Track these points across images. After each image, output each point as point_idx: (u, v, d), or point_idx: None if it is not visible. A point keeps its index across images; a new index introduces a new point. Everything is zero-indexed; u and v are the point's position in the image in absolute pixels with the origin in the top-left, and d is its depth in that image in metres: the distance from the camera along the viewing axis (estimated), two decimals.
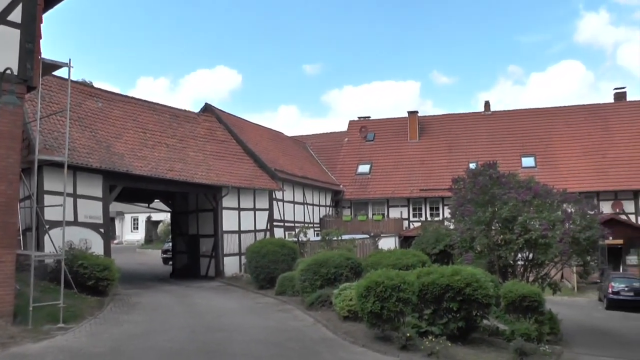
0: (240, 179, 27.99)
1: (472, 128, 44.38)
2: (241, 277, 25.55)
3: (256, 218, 29.13)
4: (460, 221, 19.59)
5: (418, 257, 17.78)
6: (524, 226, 17.68)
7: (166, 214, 38.30)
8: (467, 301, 12.73)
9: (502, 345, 13.55)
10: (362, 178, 42.51)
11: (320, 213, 38.73)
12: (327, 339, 12.97)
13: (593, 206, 20.86)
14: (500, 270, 18.96)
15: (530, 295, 14.84)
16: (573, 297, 29.11)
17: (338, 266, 16.99)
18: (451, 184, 20.67)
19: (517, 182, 19.58)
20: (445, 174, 34.99)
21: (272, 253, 21.99)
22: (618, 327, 20.73)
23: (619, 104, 43.44)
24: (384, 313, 11.95)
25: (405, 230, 38.91)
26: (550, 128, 42.17)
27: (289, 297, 18.89)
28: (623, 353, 15.95)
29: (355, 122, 48.87)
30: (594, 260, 20.45)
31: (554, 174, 36.50)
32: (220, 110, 33.16)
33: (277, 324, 14.56)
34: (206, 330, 13.48)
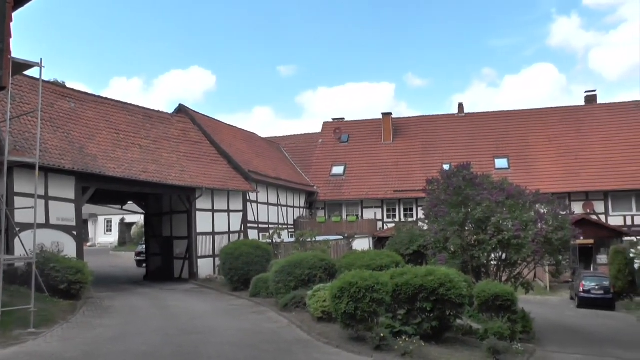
0: (214, 181, 27.85)
1: (446, 130, 44.72)
2: (215, 279, 25.42)
3: (230, 220, 29.01)
4: (434, 222, 19.71)
5: (392, 257, 17.85)
6: (497, 227, 17.85)
7: (140, 215, 37.94)
8: (441, 301, 12.86)
9: (475, 344, 13.67)
10: (336, 179, 42.56)
11: (295, 214, 38.70)
12: (301, 340, 12.99)
13: (565, 207, 21.12)
14: (474, 270, 19.12)
15: (503, 295, 14.98)
16: (546, 296, 29.51)
17: (312, 267, 17.01)
18: (425, 185, 20.80)
19: (490, 183, 19.79)
20: (419, 176, 35.33)
21: (246, 255, 21.90)
22: (589, 325, 21.08)
23: (590, 106, 44.20)
24: (358, 314, 12.01)
25: (380, 231, 39.04)
26: (523, 130, 42.72)
27: (263, 298, 18.84)
28: (593, 350, 16.24)
29: (329, 124, 48.90)
30: (565, 260, 20.75)
31: (527, 175, 36.97)
32: (194, 111, 32.96)
33: (252, 326, 14.53)
34: (180, 333, 13.39)
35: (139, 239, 47.76)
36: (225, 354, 11.41)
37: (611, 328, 20.86)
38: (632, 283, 27.96)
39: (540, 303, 25.81)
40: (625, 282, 28.18)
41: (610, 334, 19.56)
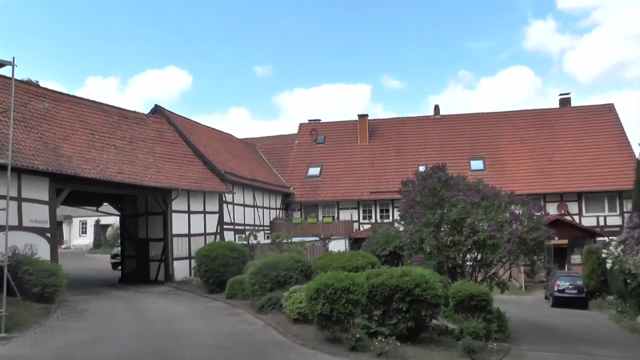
0: (190, 182, 27.69)
1: (422, 131, 44.99)
2: (191, 281, 25.27)
3: (206, 221, 28.87)
4: (409, 223, 19.75)
5: (367, 258, 17.91)
6: (472, 227, 17.97)
7: (115, 217, 37.61)
8: (416, 301, 12.93)
9: (451, 344, 13.78)
10: (313, 181, 42.57)
11: (271, 216, 38.65)
12: (277, 341, 12.97)
13: (539, 208, 21.33)
14: (449, 270, 19.24)
15: (479, 295, 15.07)
16: (521, 296, 29.83)
17: (288, 269, 17.00)
18: (401, 187, 20.87)
19: (465, 184, 19.91)
20: (395, 177, 35.47)
21: (222, 256, 21.82)
22: (563, 324, 21.34)
23: (564, 109, 44.85)
24: (334, 315, 12.02)
25: (356, 232, 39.18)
26: (498, 132, 43.19)
27: (239, 300, 18.79)
28: (567, 348, 16.46)
29: (305, 125, 48.87)
30: (540, 260, 20.96)
31: (502, 177, 37.39)
32: (170, 112, 32.73)
33: (227, 328, 14.48)
34: (156, 336, 13.29)
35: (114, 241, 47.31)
36: (201, 356, 11.36)
37: (584, 326, 21.16)
38: (604, 282, 28.35)
39: (516, 302, 26.07)
40: (598, 282, 28.59)
41: (583, 332, 19.85)
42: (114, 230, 48.69)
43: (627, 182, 32.06)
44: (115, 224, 46.24)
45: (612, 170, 37.61)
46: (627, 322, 21.70)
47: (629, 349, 17.23)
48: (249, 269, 18.34)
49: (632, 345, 17.89)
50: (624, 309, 23.90)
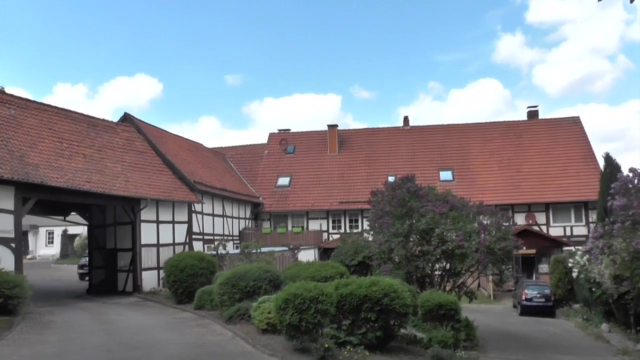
0: (159, 191, 27.43)
1: (392, 142, 45.29)
2: (159, 292, 24.99)
3: (175, 231, 28.62)
4: (378, 233, 19.87)
5: (336, 268, 17.94)
6: (441, 237, 18.15)
7: (83, 227, 37.00)
8: (385, 311, 12.95)
9: (419, 353, 13.85)
10: (282, 190, 42.51)
11: (240, 225, 38.49)
12: (246, 352, 12.86)
13: (507, 218, 21.66)
14: (418, 280, 19.38)
15: (447, 304, 15.23)
16: (489, 305, 30.12)
17: (257, 279, 16.90)
18: (370, 197, 20.98)
19: (434, 195, 20.12)
20: (365, 187, 35.74)
21: (190, 267, 21.61)
22: (530, 332, 21.64)
23: (532, 121, 45.64)
24: (303, 325, 11.96)
25: (325, 242, 39.17)
26: (467, 143, 43.70)
27: (208, 311, 18.61)
28: (535, 355, 16.76)
29: (275, 135, 48.85)
30: (508, 269, 21.28)
31: (471, 187, 37.88)
32: (140, 120, 32.43)
33: (196, 339, 14.31)
34: (123, 348, 13.06)
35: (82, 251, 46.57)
36: None
37: (551, 334, 21.51)
38: (571, 291, 28.85)
39: (484, 311, 26.32)
40: (565, 290, 29.07)
41: (550, 339, 20.19)
42: (82, 240, 47.91)
43: (592, 193, 32.65)
44: (83, 233, 45.53)
45: (578, 182, 38.36)
46: (592, 330, 22.13)
47: (593, 355, 17.63)
48: (218, 280, 18.17)
49: (597, 351, 18.30)
50: (589, 317, 24.36)
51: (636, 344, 18.62)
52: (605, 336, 20.88)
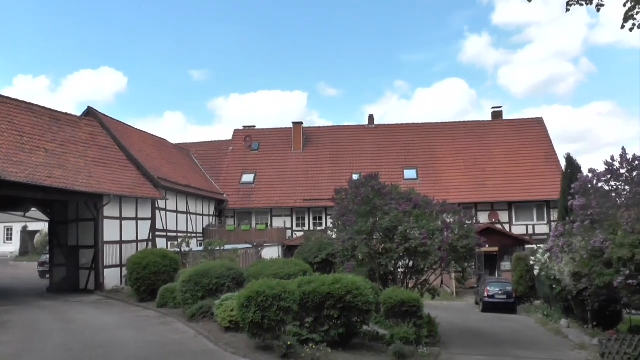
0: (123, 187, 27.03)
1: (357, 140, 45.52)
2: (122, 290, 24.65)
3: (138, 228, 28.27)
4: (342, 231, 19.90)
5: (300, 266, 17.93)
6: (404, 235, 18.23)
7: (44, 223, 36.21)
8: (348, 308, 13.00)
9: (382, 350, 13.94)
10: (246, 187, 42.35)
11: (204, 222, 38.22)
12: (208, 350, 12.82)
13: (470, 216, 21.92)
14: (381, 277, 19.48)
15: (410, 301, 15.32)
16: (452, 302, 30.52)
17: (220, 277, 16.82)
18: (334, 195, 21.02)
19: (398, 193, 20.22)
20: (329, 185, 35.78)
21: (153, 264, 21.41)
22: (492, 328, 21.97)
23: (496, 121, 46.38)
24: (265, 322, 11.96)
25: (289, 239, 39.12)
26: (432, 142, 44.15)
27: (171, 309, 18.46)
28: (496, 351, 17.00)
29: (240, 131, 48.61)
30: (471, 267, 21.54)
31: (435, 186, 38.28)
32: (104, 115, 31.89)
33: (158, 338, 14.20)
34: (84, 348, 12.88)
35: (42, 248, 45.56)
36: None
37: (513, 330, 21.84)
38: (532, 288, 29.36)
39: (447, 308, 26.62)
40: (526, 287, 29.60)
41: (511, 335, 20.50)
42: (43, 236, 46.90)
43: (554, 193, 33.35)
44: (43, 230, 44.56)
45: (541, 181, 39.12)
46: (552, 325, 22.59)
47: (553, 350, 17.99)
48: (181, 277, 18.03)
49: (557, 346, 18.68)
50: (549, 313, 24.85)
51: (592, 339, 19.07)
52: (564, 331, 21.35)
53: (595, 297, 20.34)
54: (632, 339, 16.95)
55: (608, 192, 19.87)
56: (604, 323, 21.19)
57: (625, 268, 17.19)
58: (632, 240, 17.23)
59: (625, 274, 17.15)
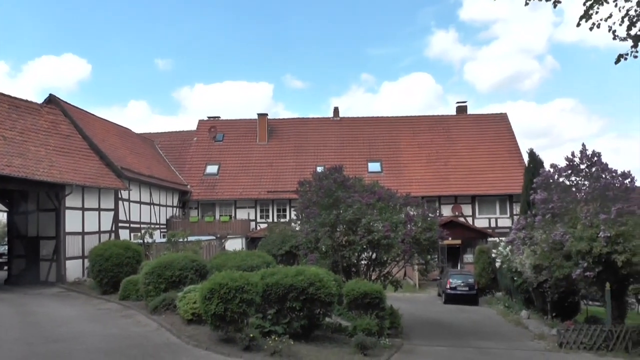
0: (85, 177, 26.58)
1: (321, 133, 45.63)
2: (84, 282, 24.28)
3: (101, 219, 27.86)
4: (305, 223, 20.01)
5: (263, 258, 17.94)
6: (367, 228, 18.40)
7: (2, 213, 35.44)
8: (311, 300, 13.10)
9: (344, 341, 14.09)
10: (210, 179, 42.10)
11: (167, 214, 37.90)
12: (170, 343, 12.72)
13: (434, 209, 22.26)
14: (344, 269, 19.64)
15: (372, 293, 15.49)
16: (414, 293, 30.92)
17: (183, 268, 16.65)
18: (298, 187, 21.05)
19: (361, 186, 20.40)
20: (293, 177, 35.81)
21: (116, 256, 21.10)
22: (454, 319, 22.37)
23: (460, 116, 46.94)
24: (228, 315, 11.91)
25: (253, 231, 39.12)
26: (396, 136, 44.50)
27: (133, 301, 18.23)
28: (458, 342, 17.33)
29: (204, 122, 48.23)
30: (433, 259, 21.92)
31: (399, 179, 38.67)
32: (66, 103, 31.22)
33: (120, 331, 14.02)
34: (44, 341, 12.63)
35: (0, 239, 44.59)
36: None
37: (474, 321, 22.28)
38: (494, 280, 29.98)
39: (409, 300, 26.98)
40: (488, 279, 30.21)
41: (473, 326, 20.93)
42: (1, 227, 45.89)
43: (517, 187, 33.94)
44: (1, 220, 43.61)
45: (504, 176, 39.80)
46: (512, 317, 23.11)
47: (513, 340, 18.44)
48: (144, 269, 17.80)
49: (517, 337, 19.16)
50: (510, 305, 25.39)
51: (551, 329, 19.58)
52: (524, 322, 21.86)
53: (555, 289, 20.92)
54: (588, 328, 17.53)
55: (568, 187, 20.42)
56: (563, 314, 21.81)
57: (584, 261, 17.71)
58: (590, 233, 17.75)
59: (583, 267, 17.68)
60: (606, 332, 17.30)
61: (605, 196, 19.28)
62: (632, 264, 17.51)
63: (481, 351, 16.17)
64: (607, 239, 17.38)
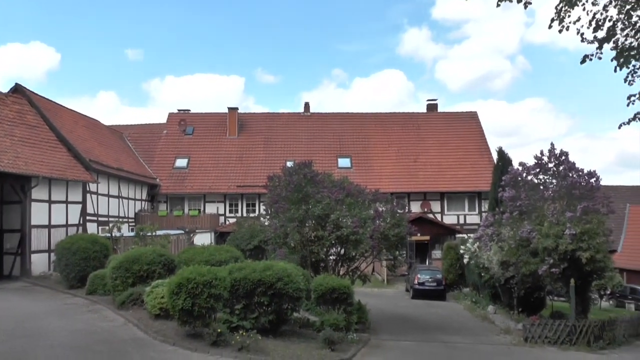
0: (52, 169, 26.13)
1: (292, 127, 45.62)
2: (50, 277, 23.90)
3: (68, 212, 27.42)
4: (274, 218, 20.04)
5: (231, 253, 17.87)
6: (336, 223, 18.51)
7: None
8: (279, 295, 13.14)
9: (312, 336, 14.18)
10: (180, 172, 41.77)
11: (136, 207, 37.52)
12: (137, 339, 12.65)
13: (402, 205, 22.40)
14: (313, 264, 19.72)
15: (340, 288, 15.60)
16: (382, 289, 31.16)
17: (151, 263, 16.53)
18: (267, 182, 21.03)
19: (331, 181, 20.47)
20: (263, 171, 35.75)
21: (83, 250, 20.78)
22: (421, 314, 22.62)
23: (430, 114, 47.46)
24: (195, 309, 11.91)
25: (222, 226, 38.97)
26: (367, 132, 44.80)
27: (101, 296, 18.03)
28: (425, 337, 17.57)
29: (174, 115, 47.79)
30: (402, 255, 22.10)
31: (369, 175, 38.89)
32: (32, 92, 30.52)
33: (86, 326, 13.87)
34: (7, 337, 12.40)
35: None
36: (56, 358, 10.83)
37: (441, 316, 22.54)
38: (461, 275, 30.38)
39: (377, 295, 27.18)
40: (456, 275, 30.61)
41: (440, 321, 21.18)
42: None
43: (485, 184, 34.43)
44: None
45: (473, 173, 40.33)
46: (479, 312, 23.45)
47: (479, 335, 18.76)
48: (111, 263, 17.61)
49: (483, 332, 19.48)
50: (477, 300, 25.78)
51: (517, 324, 19.98)
52: (491, 317, 22.25)
53: (521, 285, 21.36)
54: (552, 323, 17.96)
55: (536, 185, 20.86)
56: (529, 309, 22.24)
57: (550, 257, 18.16)
58: (556, 231, 18.18)
59: (550, 263, 18.13)
60: (570, 326, 17.75)
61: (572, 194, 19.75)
62: (596, 260, 18.04)
63: (447, 346, 16.41)
64: (572, 237, 17.84)
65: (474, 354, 15.83)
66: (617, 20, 11.71)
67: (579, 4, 11.30)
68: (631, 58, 11.75)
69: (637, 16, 11.59)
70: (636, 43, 11.79)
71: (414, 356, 14.75)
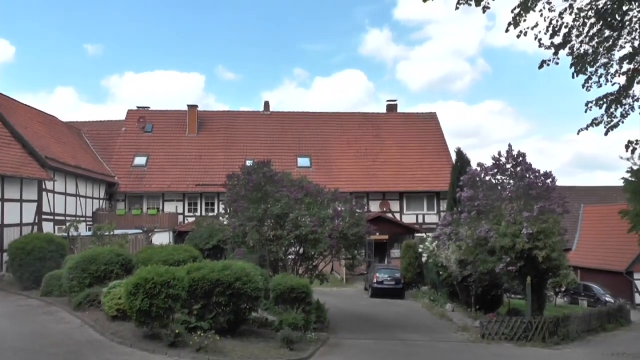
0: (6, 166, 25.43)
1: (252, 126, 45.43)
2: (2, 277, 23.29)
3: (23, 210, 26.68)
4: (233, 217, 20.00)
5: (190, 252, 17.76)
6: (295, 222, 18.60)
7: None
8: (237, 295, 13.17)
9: (270, 336, 14.24)
10: (138, 170, 41.13)
11: (94, 206, 36.76)
12: (93, 341, 12.48)
13: (361, 205, 22.68)
14: (271, 264, 19.78)
15: (299, 287, 15.69)
16: (341, 288, 31.36)
17: (108, 263, 16.29)
18: (226, 180, 20.98)
19: (290, 180, 20.55)
20: (222, 170, 35.55)
21: (38, 249, 20.34)
22: (380, 312, 22.90)
23: (390, 114, 47.96)
24: (153, 310, 11.80)
25: (180, 225, 38.63)
26: (326, 131, 45.00)
27: (56, 297, 17.69)
28: (383, 335, 17.84)
29: (133, 112, 46.97)
30: (360, 254, 22.35)
31: (328, 175, 39.06)
32: None
33: (40, 329, 13.63)
34: None
35: None
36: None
37: (400, 314, 22.90)
38: (420, 274, 30.82)
39: (336, 294, 27.35)
40: (414, 274, 31.02)
41: (398, 319, 21.52)
42: None
43: (444, 184, 35.00)
44: None
45: (432, 173, 40.93)
46: (437, 309, 23.90)
47: (437, 332, 19.17)
48: (67, 263, 17.29)
49: (441, 329, 19.90)
50: (436, 298, 26.23)
51: (475, 321, 20.47)
52: (448, 315, 22.71)
53: (479, 283, 21.86)
54: (509, 320, 18.51)
55: (494, 185, 21.39)
56: (486, 306, 22.78)
57: (507, 256, 18.67)
58: (513, 230, 18.71)
59: (506, 261, 18.64)
60: (526, 323, 18.30)
61: (529, 195, 20.34)
62: (551, 259, 18.64)
63: (406, 343, 16.71)
64: (529, 236, 18.39)
65: (433, 351, 16.15)
66: (572, 27, 12.11)
67: (535, 9, 11.61)
68: (586, 64, 12.20)
69: (591, 24, 12.01)
70: (590, 49, 12.23)
71: (373, 354, 14.97)
